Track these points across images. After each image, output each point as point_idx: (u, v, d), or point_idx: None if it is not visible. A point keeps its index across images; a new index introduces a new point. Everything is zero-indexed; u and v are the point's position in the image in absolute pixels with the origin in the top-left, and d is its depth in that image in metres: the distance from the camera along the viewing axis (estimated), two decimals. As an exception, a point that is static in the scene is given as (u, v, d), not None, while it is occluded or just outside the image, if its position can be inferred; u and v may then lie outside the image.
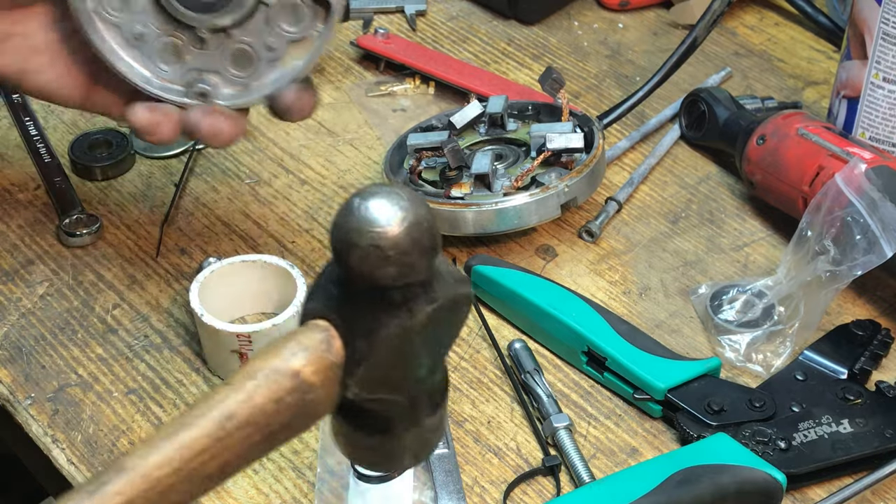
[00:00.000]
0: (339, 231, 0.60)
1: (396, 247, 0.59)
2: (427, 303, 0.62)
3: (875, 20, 0.99)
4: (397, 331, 0.61)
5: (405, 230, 0.59)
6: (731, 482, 0.79)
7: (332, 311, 0.62)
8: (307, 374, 0.61)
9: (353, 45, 1.20)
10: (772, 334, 0.92)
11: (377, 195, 0.59)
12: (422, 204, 0.60)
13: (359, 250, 0.59)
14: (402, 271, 0.60)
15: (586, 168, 0.98)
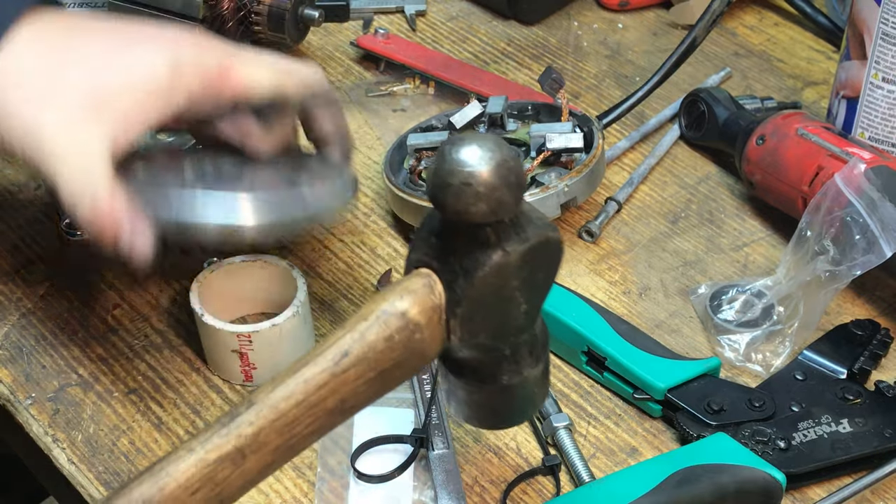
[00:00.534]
0: (434, 175, 0.66)
1: (486, 184, 0.65)
2: (519, 242, 0.67)
3: (874, 20, 0.99)
4: (494, 269, 0.67)
5: (492, 169, 0.65)
6: (730, 482, 0.79)
7: (433, 258, 0.68)
8: (413, 314, 0.67)
9: (353, 45, 1.20)
10: (771, 334, 0.92)
11: (465, 140, 0.66)
12: (507, 147, 0.66)
13: (452, 189, 0.65)
14: (493, 207, 0.65)
15: (586, 168, 0.98)
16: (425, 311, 0.68)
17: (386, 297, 0.68)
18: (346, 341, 0.67)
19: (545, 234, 0.69)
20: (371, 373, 0.67)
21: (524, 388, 0.73)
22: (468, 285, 0.67)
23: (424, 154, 1.01)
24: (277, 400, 0.66)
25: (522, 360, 0.72)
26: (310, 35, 1.19)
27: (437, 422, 0.86)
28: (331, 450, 0.85)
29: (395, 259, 0.99)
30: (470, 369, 0.72)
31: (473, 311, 0.68)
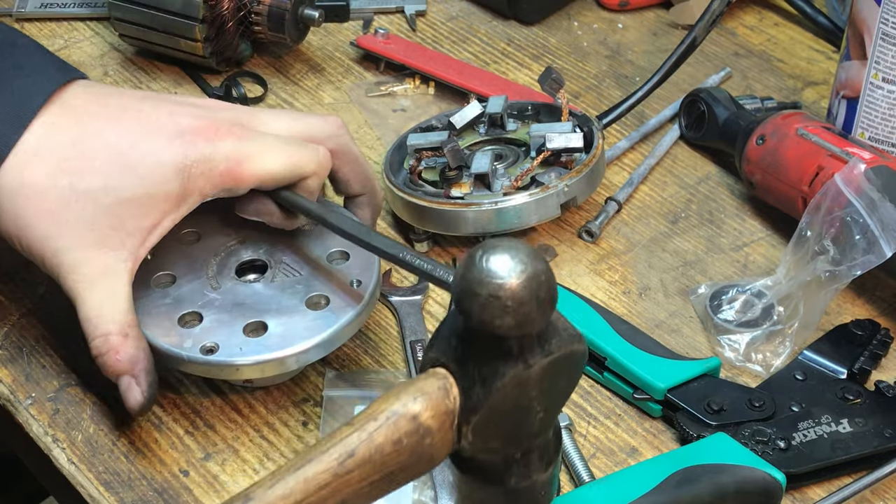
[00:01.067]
0: (461, 281, 0.64)
1: (515, 297, 0.63)
2: (542, 355, 0.66)
3: (874, 20, 0.99)
4: (513, 380, 0.65)
5: (524, 283, 0.63)
6: (730, 482, 0.79)
7: (451, 360, 0.66)
8: (425, 418, 0.65)
9: (353, 45, 1.20)
10: (771, 334, 0.92)
11: (499, 249, 0.64)
12: (540, 259, 0.64)
13: (479, 299, 0.63)
14: (520, 321, 0.63)
15: (586, 168, 0.98)
16: (438, 415, 0.66)
17: (399, 397, 0.66)
18: (353, 441, 0.65)
19: (570, 347, 0.67)
20: (376, 475, 0.65)
21: (531, 491, 0.72)
22: (485, 395, 0.65)
23: (424, 154, 1.01)
24: (275, 499, 0.64)
25: (532, 464, 0.71)
26: (310, 35, 1.19)
27: (437, 422, 0.86)
28: (331, 450, 0.85)
29: (395, 259, 0.99)
30: (477, 469, 0.70)
31: (488, 419, 0.66)
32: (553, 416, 0.70)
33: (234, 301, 0.86)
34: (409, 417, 0.65)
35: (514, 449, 0.69)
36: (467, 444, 0.67)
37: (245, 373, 0.83)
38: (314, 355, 0.84)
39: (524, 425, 0.68)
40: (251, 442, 0.86)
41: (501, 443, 0.68)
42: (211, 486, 0.83)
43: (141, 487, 0.83)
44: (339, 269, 0.88)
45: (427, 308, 0.95)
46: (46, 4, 1.23)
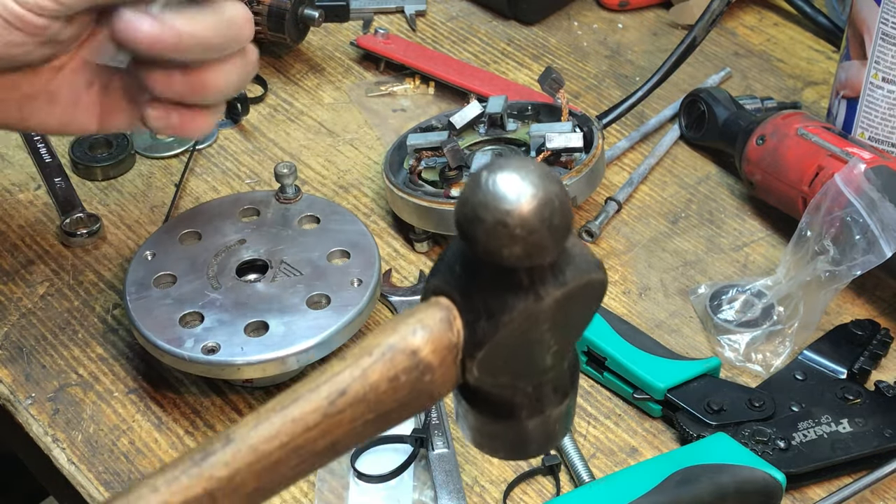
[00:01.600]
0: (464, 205, 0.57)
1: (524, 225, 0.55)
2: (556, 287, 0.58)
3: (874, 20, 0.99)
4: (522, 315, 0.58)
5: (535, 208, 0.55)
6: (730, 482, 0.79)
7: (455, 289, 0.60)
8: (426, 353, 0.59)
9: (353, 45, 1.20)
10: (771, 334, 0.92)
11: (507, 168, 0.56)
12: (554, 180, 0.57)
13: (484, 226, 0.56)
14: (530, 251, 0.56)
15: (586, 167, 0.98)
16: (439, 350, 0.59)
17: (396, 329, 0.59)
18: (345, 378, 0.59)
19: (587, 276, 0.59)
20: (370, 414, 0.59)
21: (545, 425, 0.65)
22: (492, 328, 0.59)
23: (424, 154, 1.01)
24: (259, 440, 0.58)
25: (545, 397, 0.64)
26: (310, 35, 1.19)
27: (437, 422, 0.86)
28: (331, 450, 0.85)
29: (395, 259, 0.99)
30: (486, 402, 0.64)
31: (495, 354, 0.60)
32: (568, 349, 0.63)
33: (235, 301, 0.86)
34: (408, 352, 0.59)
35: (526, 383, 0.63)
36: (472, 379, 0.61)
37: (246, 372, 0.83)
38: (315, 355, 0.84)
39: (535, 360, 0.62)
40: (251, 442, 0.86)
41: (511, 378, 0.62)
42: (211, 486, 0.83)
43: (141, 487, 0.83)
44: (339, 268, 0.88)
45: (427, 308, 0.95)
46: (46, 4, 1.22)
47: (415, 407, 0.61)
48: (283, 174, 0.94)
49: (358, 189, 1.05)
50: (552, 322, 0.60)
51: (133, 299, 0.87)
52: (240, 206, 0.94)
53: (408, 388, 0.59)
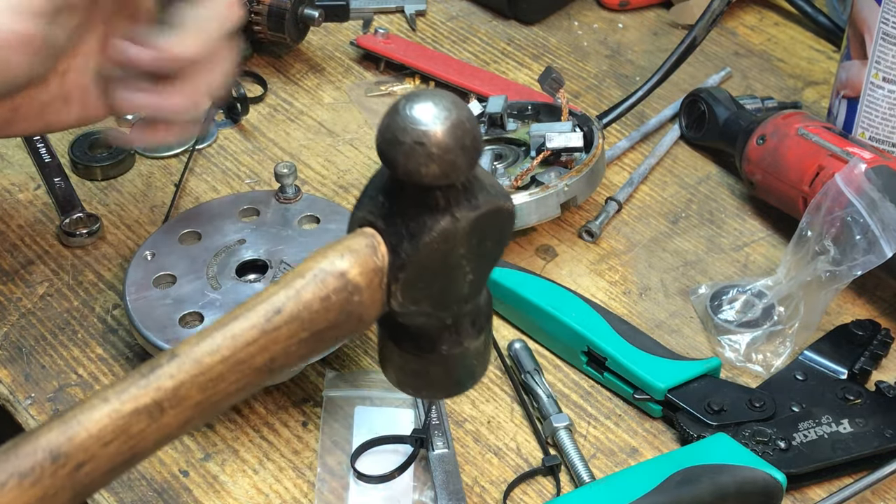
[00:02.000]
0: (385, 130, 0.63)
1: (439, 144, 0.62)
2: (470, 209, 0.65)
3: (875, 20, 0.99)
4: (441, 235, 0.64)
5: (448, 129, 0.62)
6: (730, 482, 0.79)
7: (378, 217, 0.66)
8: (353, 275, 0.65)
9: (353, 45, 1.20)
10: (772, 334, 0.92)
11: (422, 97, 0.63)
12: (464, 107, 0.63)
13: (404, 147, 0.62)
14: (445, 169, 0.63)
15: (586, 167, 0.98)
16: (366, 272, 0.65)
17: (325, 255, 0.65)
18: (280, 298, 0.64)
19: (497, 202, 0.66)
20: (304, 333, 0.65)
21: (464, 359, 0.71)
22: (413, 250, 0.65)
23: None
24: (202, 354, 0.63)
25: (464, 330, 0.70)
26: (310, 35, 1.19)
27: (437, 422, 0.86)
28: (331, 450, 0.85)
29: (395, 259, 0.99)
30: (408, 336, 0.70)
31: (417, 276, 0.66)
32: (482, 281, 0.70)
33: (235, 301, 0.86)
34: (337, 274, 0.64)
35: (445, 313, 0.69)
36: (397, 305, 0.66)
37: None
38: None
39: (453, 286, 0.68)
40: (251, 442, 0.86)
41: (431, 304, 0.68)
42: (211, 487, 0.83)
43: (141, 487, 0.83)
44: None
45: (427, 308, 0.95)
46: None
47: (346, 328, 0.66)
48: (283, 174, 0.94)
49: (358, 189, 1.05)
50: (468, 246, 0.66)
51: (133, 299, 0.87)
52: (240, 206, 0.94)
53: (338, 308, 0.65)
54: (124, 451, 0.62)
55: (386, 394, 0.88)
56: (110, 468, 0.63)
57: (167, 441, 0.64)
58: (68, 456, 0.61)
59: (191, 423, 0.64)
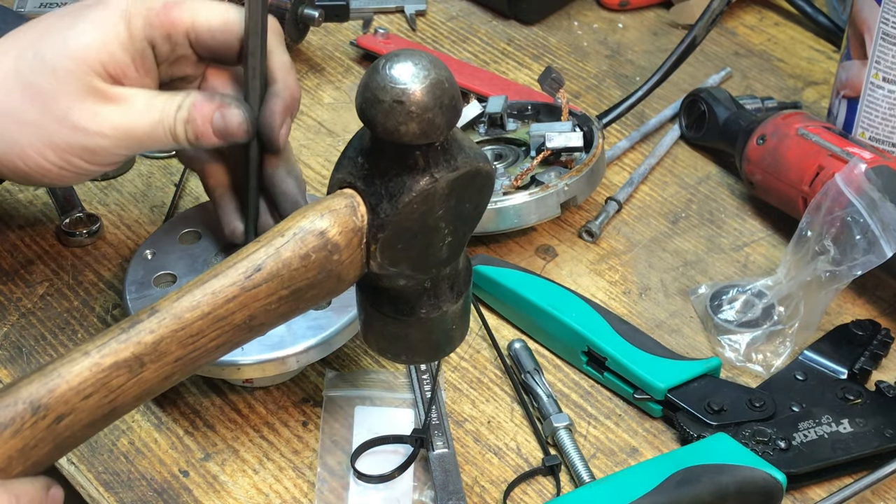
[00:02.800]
0: (364, 90, 0.64)
1: (418, 103, 0.63)
2: (448, 170, 0.66)
3: (875, 20, 0.99)
4: (420, 195, 0.65)
5: (427, 88, 0.63)
6: (730, 482, 0.79)
7: (358, 178, 0.67)
8: (333, 234, 0.66)
9: (353, 45, 1.20)
10: (772, 334, 0.92)
11: (401, 57, 0.64)
12: (443, 67, 0.65)
13: (383, 106, 0.63)
14: (424, 128, 0.64)
15: (586, 167, 0.98)
16: (346, 232, 0.66)
17: (306, 215, 0.66)
18: (260, 255, 0.65)
19: (476, 164, 0.67)
20: (284, 291, 0.66)
21: (443, 323, 0.72)
22: (392, 210, 0.65)
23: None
24: (182, 310, 0.64)
25: (443, 294, 0.71)
26: (310, 35, 1.19)
27: (437, 422, 0.86)
28: (331, 450, 0.85)
29: (395, 259, 0.99)
30: (388, 299, 0.71)
31: (396, 237, 0.66)
32: (461, 243, 0.71)
33: None
34: (317, 233, 0.66)
35: (424, 275, 0.70)
36: (376, 266, 0.67)
37: (246, 372, 0.83)
38: (315, 355, 0.84)
39: (432, 248, 0.68)
40: (251, 442, 0.86)
41: (410, 266, 0.68)
42: (211, 487, 0.83)
43: (141, 488, 0.83)
44: None
45: (427, 308, 0.95)
46: (46, 4, 1.23)
47: (325, 287, 0.67)
48: None
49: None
50: (446, 207, 0.67)
51: (133, 298, 0.87)
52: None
53: (317, 266, 0.66)
54: (104, 404, 0.63)
55: (386, 394, 0.88)
56: (90, 421, 0.64)
57: (147, 396, 0.65)
58: (48, 408, 0.62)
59: (170, 379, 0.65)
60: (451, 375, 0.90)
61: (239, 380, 0.87)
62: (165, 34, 0.81)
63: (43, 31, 0.81)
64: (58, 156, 0.80)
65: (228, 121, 0.80)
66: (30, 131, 0.79)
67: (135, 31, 0.80)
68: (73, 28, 0.80)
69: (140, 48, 0.80)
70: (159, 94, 0.81)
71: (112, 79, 0.80)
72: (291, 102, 0.83)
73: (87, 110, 0.79)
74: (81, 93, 0.79)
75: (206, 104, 0.80)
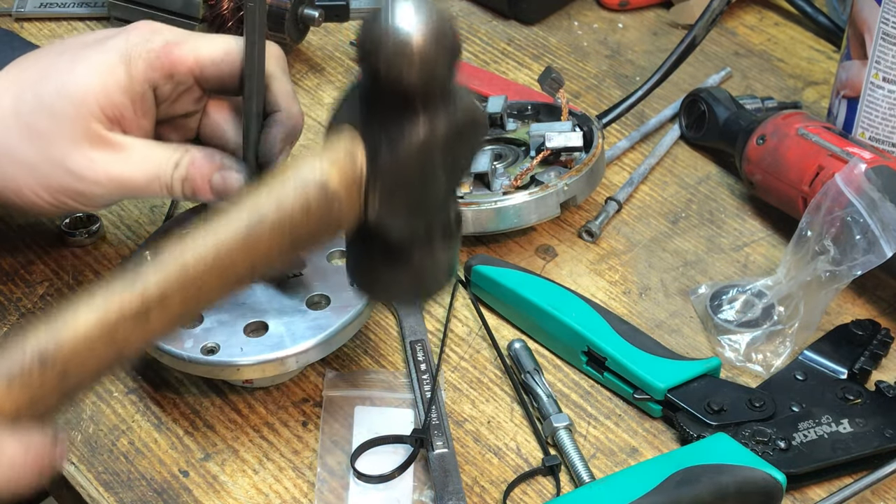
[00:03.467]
0: (366, 35, 0.65)
1: (420, 49, 0.63)
2: (447, 118, 0.66)
3: (875, 20, 0.99)
4: (419, 141, 0.66)
5: (429, 34, 0.64)
6: (730, 482, 0.79)
7: (357, 123, 0.67)
8: (334, 184, 0.67)
9: (353, 45, 1.20)
10: (772, 334, 0.92)
11: (403, 3, 0.64)
12: (446, 13, 0.65)
13: (385, 50, 0.64)
14: (425, 75, 0.64)
15: (585, 167, 0.98)
16: (346, 181, 0.67)
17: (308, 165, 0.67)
18: (263, 208, 0.66)
19: (472, 113, 0.68)
20: (285, 241, 0.67)
21: (434, 268, 0.73)
22: (392, 157, 0.66)
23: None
24: (186, 261, 0.65)
25: (436, 240, 0.72)
26: (310, 35, 1.19)
27: (437, 422, 0.86)
28: (331, 450, 0.85)
29: (395, 259, 0.99)
30: (380, 244, 0.71)
31: (394, 184, 0.67)
32: (454, 189, 0.72)
33: (235, 301, 0.86)
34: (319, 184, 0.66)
35: (419, 222, 0.70)
36: (373, 213, 0.68)
37: (246, 373, 0.83)
38: (314, 355, 0.84)
39: (429, 195, 0.69)
40: (251, 442, 0.86)
41: (407, 213, 0.69)
42: (211, 487, 0.83)
43: (141, 488, 0.83)
44: (339, 269, 0.88)
45: (427, 308, 0.95)
46: (46, 4, 1.23)
47: (324, 236, 0.69)
48: None
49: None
50: (444, 155, 0.67)
51: None
52: None
53: (318, 217, 0.67)
54: (110, 354, 0.65)
55: (386, 394, 0.88)
56: (97, 370, 0.65)
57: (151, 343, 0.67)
58: (56, 359, 0.63)
59: (174, 325, 0.67)
60: (451, 375, 0.90)
61: (239, 380, 0.87)
62: (168, 75, 0.82)
63: (43, 71, 0.82)
64: (51, 196, 0.82)
65: (229, 184, 0.82)
66: (26, 171, 0.81)
67: (136, 74, 0.81)
68: (73, 71, 0.80)
69: (140, 91, 0.81)
70: (156, 147, 0.82)
71: (110, 122, 0.81)
72: (293, 131, 0.84)
73: (83, 156, 0.80)
74: (79, 138, 0.80)
75: (205, 164, 0.81)
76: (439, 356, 0.91)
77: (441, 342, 0.92)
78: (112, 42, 0.81)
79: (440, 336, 0.93)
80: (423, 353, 0.90)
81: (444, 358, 0.91)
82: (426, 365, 0.89)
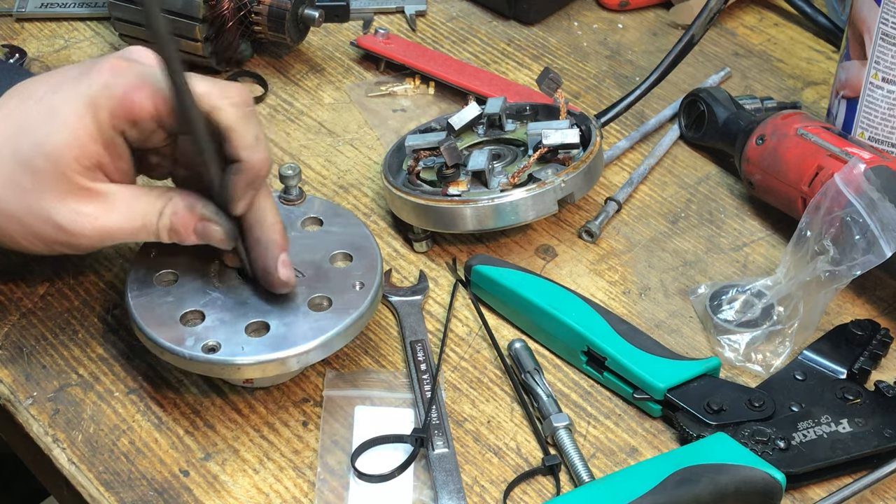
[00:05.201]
0: None
1: None
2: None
3: (874, 20, 0.99)
4: None
5: None
6: (730, 482, 0.79)
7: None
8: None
9: (353, 45, 1.20)
10: (771, 334, 0.92)
11: None
12: None
13: None
14: None
15: (583, 164, 0.98)
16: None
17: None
18: None
19: None
20: None
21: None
22: None
23: (422, 154, 1.01)
24: None
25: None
26: (310, 35, 1.19)
27: (437, 422, 0.86)
28: (331, 450, 0.85)
29: (395, 259, 0.99)
30: None
31: None
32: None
33: (237, 300, 0.86)
34: None
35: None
36: None
37: (246, 372, 0.83)
38: (315, 356, 0.84)
39: None
40: (251, 442, 0.86)
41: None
42: (211, 487, 0.83)
43: (141, 487, 0.83)
44: (341, 271, 0.88)
45: (427, 308, 0.95)
46: (46, 4, 1.23)
47: None
48: (288, 176, 0.94)
49: (358, 189, 1.05)
50: None
51: (134, 296, 0.87)
52: None
53: None
54: None
55: (386, 394, 0.88)
56: None
57: None
58: None
59: None
60: (451, 375, 0.90)
61: (239, 380, 0.87)
62: (131, 122, 0.82)
63: (18, 124, 0.82)
64: (44, 244, 0.84)
65: (211, 235, 0.84)
66: (16, 224, 0.82)
67: (102, 122, 0.81)
68: (47, 124, 0.81)
69: (109, 137, 0.82)
70: (140, 195, 0.83)
71: (90, 171, 0.81)
72: (255, 179, 0.83)
73: (68, 210, 0.81)
74: (62, 192, 0.81)
75: (187, 216, 0.83)
76: (439, 356, 0.91)
77: (441, 342, 0.92)
78: (80, 88, 0.81)
79: (440, 336, 0.93)
80: (423, 353, 0.90)
81: (444, 358, 0.91)
82: (426, 365, 0.89)
